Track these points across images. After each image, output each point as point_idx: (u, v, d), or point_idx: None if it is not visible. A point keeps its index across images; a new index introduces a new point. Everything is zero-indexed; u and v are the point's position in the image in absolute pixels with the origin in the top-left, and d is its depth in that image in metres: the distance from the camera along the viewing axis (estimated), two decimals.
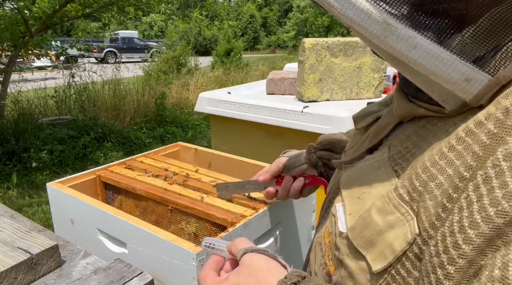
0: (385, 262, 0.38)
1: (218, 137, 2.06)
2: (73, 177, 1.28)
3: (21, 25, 4.61)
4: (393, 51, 0.35)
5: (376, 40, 0.35)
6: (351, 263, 0.43)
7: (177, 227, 1.14)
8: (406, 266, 0.37)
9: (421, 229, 0.36)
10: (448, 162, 0.35)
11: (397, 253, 0.37)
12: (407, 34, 0.34)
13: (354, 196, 0.45)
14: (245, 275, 0.46)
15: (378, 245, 0.39)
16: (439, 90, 0.37)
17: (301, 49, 1.81)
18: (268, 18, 40.15)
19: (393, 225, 0.38)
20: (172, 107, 6.81)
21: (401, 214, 0.38)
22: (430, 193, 0.36)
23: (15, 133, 4.34)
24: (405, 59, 0.35)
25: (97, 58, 17.00)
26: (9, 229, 0.74)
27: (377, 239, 0.39)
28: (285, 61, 11.90)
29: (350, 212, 0.44)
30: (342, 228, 0.45)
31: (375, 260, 0.39)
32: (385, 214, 0.39)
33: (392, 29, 0.34)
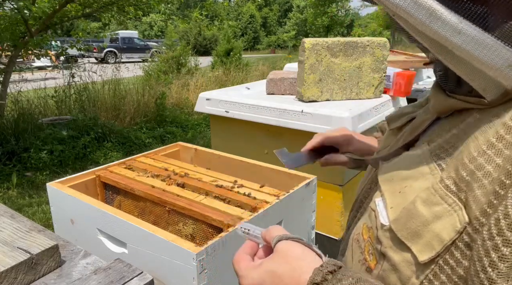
0: (433, 252, 0.38)
1: (218, 137, 2.05)
2: (73, 177, 1.28)
3: (21, 25, 4.60)
4: (437, 37, 0.35)
5: (421, 26, 0.35)
6: (394, 256, 0.42)
7: (175, 229, 1.14)
8: (455, 255, 0.37)
9: (472, 217, 0.36)
10: (497, 151, 0.35)
11: (446, 242, 0.37)
12: (452, 19, 0.34)
13: (395, 191, 0.45)
14: (280, 262, 0.46)
15: (424, 236, 0.39)
16: (480, 78, 0.37)
17: (301, 49, 1.81)
18: (268, 18, 40.13)
19: (440, 215, 0.38)
20: (172, 107, 6.81)
21: (449, 204, 0.38)
22: (478, 182, 0.36)
23: (15, 133, 4.34)
24: (449, 44, 0.35)
25: (97, 58, 17.00)
26: (9, 229, 0.73)
27: (423, 230, 0.39)
28: (285, 61, 11.89)
29: (391, 205, 0.44)
30: (384, 221, 0.45)
31: (422, 251, 0.39)
32: (431, 205, 0.39)
33: (437, 15, 0.34)
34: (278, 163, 1.48)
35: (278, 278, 0.45)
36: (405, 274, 0.41)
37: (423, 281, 0.40)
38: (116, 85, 6.16)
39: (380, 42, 1.82)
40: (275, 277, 0.45)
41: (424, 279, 0.40)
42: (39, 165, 4.05)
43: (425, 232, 0.39)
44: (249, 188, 1.21)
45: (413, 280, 0.40)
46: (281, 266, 0.45)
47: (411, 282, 0.41)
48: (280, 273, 0.45)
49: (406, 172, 0.45)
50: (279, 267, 0.45)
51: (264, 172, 1.35)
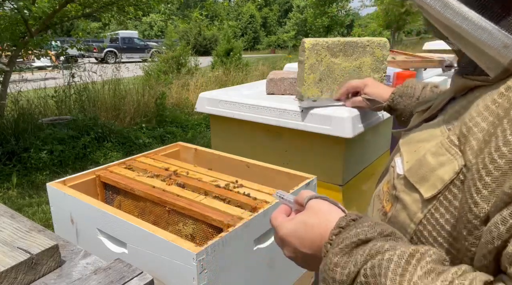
0: (435, 190, 0.48)
1: (218, 137, 2.05)
2: (73, 177, 1.28)
3: (21, 25, 4.60)
4: (450, 23, 0.45)
5: (438, 14, 0.46)
6: (405, 197, 0.52)
7: (175, 229, 1.14)
8: (452, 191, 0.46)
9: (466, 160, 0.45)
10: (490, 112, 0.45)
11: (446, 182, 0.47)
12: (461, 9, 0.44)
13: (411, 150, 0.55)
14: (310, 215, 0.56)
15: (430, 180, 0.49)
16: (485, 58, 0.46)
17: (301, 49, 1.81)
18: (268, 18, 40.11)
19: (444, 163, 0.48)
20: (172, 107, 6.80)
21: (451, 154, 0.48)
22: (473, 135, 0.45)
23: (15, 133, 4.34)
24: (459, 29, 0.45)
25: (97, 58, 16.99)
26: (9, 229, 0.73)
27: (430, 175, 0.49)
28: (285, 61, 11.89)
29: (407, 160, 0.54)
30: (399, 171, 0.55)
31: (427, 191, 0.49)
32: (438, 156, 0.50)
33: (450, 5, 0.45)
34: (278, 163, 1.48)
35: (309, 227, 0.54)
36: (413, 210, 0.51)
37: (426, 215, 0.49)
38: (116, 85, 6.16)
39: (380, 42, 1.82)
40: (306, 226, 0.55)
41: (427, 213, 0.49)
42: (39, 165, 4.05)
43: (431, 176, 0.49)
44: (249, 188, 1.21)
45: (418, 215, 0.50)
46: (311, 218, 0.55)
47: (417, 216, 0.50)
48: (311, 223, 0.54)
49: (422, 136, 0.56)
50: (310, 219, 0.55)
51: (264, 172, 1.35)
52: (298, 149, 1.76)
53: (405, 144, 0.58)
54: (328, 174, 1.63)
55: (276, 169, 1.33)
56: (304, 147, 1.73)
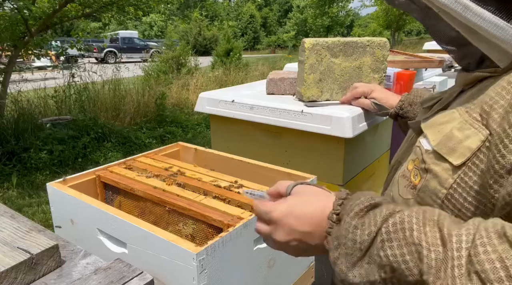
0: (464, 157, 0.54)
1: (218, 137, 2.05)
2: (73, 177, 1.28)
3: (21, 25, 4.60)
4: (469, 22, 0.52)
5: (459, 15, 0.52)
6: (435, 168, 0.58)
7: (175, 229, 1.14)
8: (479, 157, 0.52)
9: (491, 129, 0.52)
10: (507, 91, 0.52)
11: (473, 149, 0.53)
12: (479, 11, 0.51)
13: (435, 131, 0.61)
14: (302, 195, 0.60)
15: (458, 150, 0.55)
16: (497, 51, 0.53)
17: (301, 49, 1.81)
18: (268, 18, 40.11)
19: (469, 136, 0.54)
20: (172, 107, 6.80)
21: (475, 128, 0.54)
22: (494, 110, 0.52)
23: (15, 133, 4.34)
24: (477, 27, 0.52)
25: (97, 58, 16.98)
26: (9, 229, 0.73)
27: (457, 146, 0.55)
28: (285, 61, 11.88)
29: (433, 139, 0.60)
30: (428, 147, 0.60)
31: (456, 159, 0.55)
32: (463, 130, 0.56)
33: (469, 7, 0.52)
34: (278, 163, 1.48)
35: (306, 204, 0.58)
36: (443, 177, 0.56)
37: (456, 179, 0.55)
38: (116, 85, 6.15)
39: (380, 42, 1.82)
40: (303, 204, 0.58)
41: (457, 178, 0.55)
42: (39, 165, 4.05)
43: (459, 147, 0.55)
44: (249, 188, 1.21)
45: (449, 180, 0.55)
46: (304, 197, 0.60)
47: (448, 181, 0.56)
48: (306, 201, 0.59)
49: (442, 120, 0.61)
50: (303, 198, 0.60)
51: (264, 172, 1.35)
52: (298, 149, 1.76)
53: (428, 127, 0.63)
54: (328, 174, 1.63)
55: (276, 169, 1.33)
56: (304, 147, 1.73)
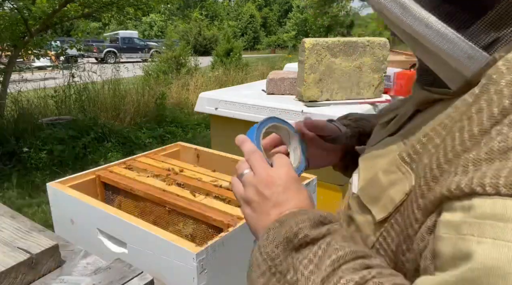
0: (386, 212, 0.45)
1: (218, 137, 2.05)
2: (73, 177, 1.28)
3: (21, 25, 4.60)
4: (410, 30, 0.41)
5: (397, 19, 0.41)
6: (358, 218, 0.50)
7: (175, 229, 1.14)
8: (403, 213, 0.43)
9: (416, 181, 0.42)
10: (443, 127, 0.42)
11: (396, 203, 0.44)
12: (421, 14, 0.40)
13: (367, 166, 0.52)
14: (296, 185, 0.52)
15: (381, 200, 0.46)
16: (447, 69, 0.42)
17: (301, 49, 1.81)
18: (268, 18, 40.12)
19: (394, 182, 0.45)
20: (172, 107, 6.80)
21: (402, 173, 0.45)
22: (427, 152, 0.42)
23: (15, 133, 4.34)
24: (420, 37, 0.41)
25: (97, 58, 16.99)
26: (9, 229, 0.74)
27: (381, 195, 0.46)
28: (285, 61, 11.89)
29: (362, 178, 0.52)
30: (354, 190, 0.53)
31: (379, 212, 0.46)
32: (389, 174, 0.46)
33: (409, 10, 0.40)
34: None
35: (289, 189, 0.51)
36: (366, 232, 0.48)
37: (378, 238, 0.46)
38: (116, 85, 6.15)
39: (380, 42, 1.82)
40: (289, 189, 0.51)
41: (380, 236, 0.46)
42: (39, 165, 4.05)
43: (382, 196, 0.46)
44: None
45: (371, 238, 0.47)
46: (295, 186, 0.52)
47: (370, 239, 0.47)
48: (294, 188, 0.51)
49: (379, 152, 0.52)
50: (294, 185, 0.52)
51: None
52: None
53: (364, 159, 0.54)
54: (328, 174, 1.63)
55: None
56: None
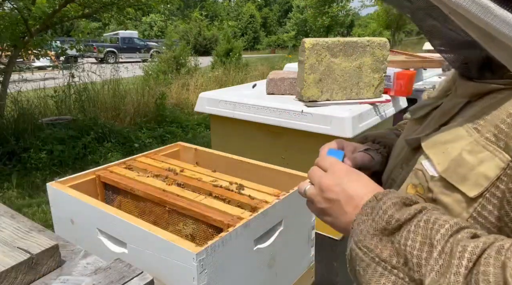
0: (481, 188, 0.48)
1: (218, 137, 2.05)
2: (73, 177, 1.28)
3: (21, 25, 4.60)
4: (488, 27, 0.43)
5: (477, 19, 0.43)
6: (445, 198, 0.51)
7: (175, 229, 1.14)
8: (500, 187, 0.46)
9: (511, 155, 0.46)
10: None
11: (492, 179, 0.47)
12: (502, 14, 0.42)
13: (439, 152, 0.54)
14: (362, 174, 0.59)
15: (471, 178, 0.49)
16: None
17: (301, 49, 1.81)
18: (268, 18, 40.12)
19: (483, 160, 0.48)
20: (172, 107, 6.80)
21: (490, 151, 0.48)
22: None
23: (15, 133, 4.34)
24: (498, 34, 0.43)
25: (97, 58, 16.99)
26: (9, 229, 0.73)
27: (470, 173, 0.49)
28: (285, 61, 11.88)
29: (438, 162, 0.53)
30: (433, 173, 0.54)
31: (470, 189, 0.49)
32: (475, 154, 0.49)
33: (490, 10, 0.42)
34: (278, 163, 1.48)
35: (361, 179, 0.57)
36: (456, 210, 0.50)
37: (472, 213, 0.49)
38: (116, 85, 6.16)
39: (380, 42, 1.82)
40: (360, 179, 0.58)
41: (473, 212, 0.49)
42: (39, 165, 4.05)
43: (472, 174, 0.49)
44: (249, 188, 1.21)
45: (463, 215, 0.49)
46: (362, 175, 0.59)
47: (462, 216, 0.49)
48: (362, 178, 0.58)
49: (446, 138, 0.55)
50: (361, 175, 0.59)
51: (264, 172, 1.35)
52: (298, 149, 1.76)
53: (429, 146, 0.56)
54: None
55: (276, 169, 1.33)
56: (304, 147, 1.73)
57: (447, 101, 0.61)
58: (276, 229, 1.10)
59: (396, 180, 0.67)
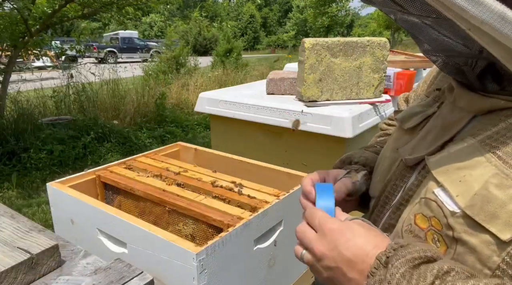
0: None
1: (218, 137, 2.05)
2: (73, 177, 1.28)
3: (21, 25, 4.60)
4: (506, 40, 0.39)
5: (503, 38, 0.39)
6: (471, 239, 0.45)
7: (175, 229, 1.14)
8: None
9: None
10: None
11: None
12: None
13: (455, 180, 0.48)
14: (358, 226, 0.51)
15: (501, 217, 0.43)
16: None
17: (301, 49, 1.81)
18: (268, 18, 40.14)
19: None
20: (172, 107, 6.80)
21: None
22: None
23: (15, 133, 4.34)
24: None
25: (97, 58, 16.99)
26: (9, 229, 0.73)
27: (500, 211, 0.43)
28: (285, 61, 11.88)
29: (456, 194, 0.47)
30: (453, 208, 0.47)
31: (502, 230, 0.43)
32: (505, 188, 0.43)
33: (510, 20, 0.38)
34: (278, 163, 1.48)
35: (359, 233, 0.50)
36: (485, 253, 0.44)
37: (504, 258, 0.43)
38: (115, 85, 6.16)
39: (380, 42, 1.82)
40: (356, 232, 0.50)
41: (506, 256, 0.43)
42: (39, 165, 4.05)
43: (503, 213, 0.43)
44: (249, 188, 1.21)
45: (494, 258, 0.44)
46: (361, 229, 0.51)
47: (492, 260, 0.44)
48: (361, 231, 0.50)
49: (460, 163, 0.48)
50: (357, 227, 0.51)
51: (264, 172, 1.35)
52: (298, 149, 1.76)
53: (441, 173, 0.50)
54: None
55: (276, 169, 1.33)
56: (304, 147, 1.73)
57: (446, 114, 0.56)
58: (276, 229, 1.10)
59: (390, 197, 0.61)
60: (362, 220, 0.53)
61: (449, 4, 0.38)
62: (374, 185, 0.68)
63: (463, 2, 0.37)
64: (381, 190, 0.64)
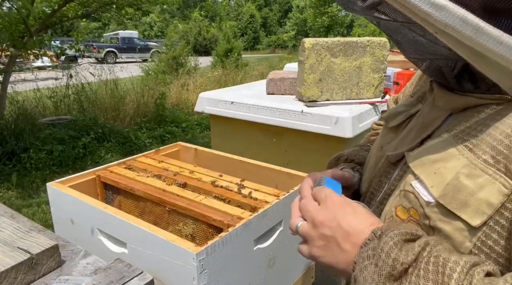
0: (484, 217, 0.45)
1: (218, 137, 2.05)
2: (73, 177, 1.28)
3: (20, 25, 4.60)
4: (482, 48, 0.42)
5: (468, 40, 0.41)
6: (445, 226, 0.48)
7: (175, 229, 1.14)
8: (504, 214, 0.44)
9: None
10: None
11: (496, 205, 0.44)
12: (495, 34, 0.41)
13: (430, 172, 0.51)
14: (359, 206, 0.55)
15: (471, 205, 0.46)
16: (509, 79, 0.44)
17: (301, 49, 1.81)
18: (268, 18, 40.14)
19: (483, 185, 0.46)
20: (172, 107, 6.80)
21: (489, 175, 0.46)
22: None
23: (15, 133, 4.34)
24: (491, 54, 0.42)
25: (97, 58, 16.99)
26: (9, 229, 0.73)
27: (470, 199, 0.46)
28: (285, 61, 11.88)
29: (431, 185, 0.50)
30: (428, 199, 0.50)
31: (473, 217, 0.46)
32: (474, 178, 0.46)
33: (482, 30, 0.41)
34: (278, 163, 1.48)
35: (358, 212, 0.53)
36: (458, 240, 0.47)
37: (475, 243, 0.46)
38: (115, 85, 6.16)
39: (380, 42, 1.82)
40: (358, 211, 0.53)
41: (477, 241, 0.46)
42: (39, 165, 4.05)
43: (473, 200, 0.46)
44: (249, 188, 1.21)
45: (466, 244, 0.47)
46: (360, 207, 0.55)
47: (465, 246, 0.47)
48: (360, 210, 0.54)
49: (435, 156, 0.52)
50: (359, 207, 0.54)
51: (264, 172, 1.35)
52: (298, 149, 1.76)
53: (418, 166, 0.53)
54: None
55: (276, 169, 1.33)
56: (304, 147, 1.73)
57: (426, 113, 0.59)
58: (276, 229, 1.10)
59: (375, 193, 0.64)
60: (363, 205, 0.56)
61: (415, 10, 0.41)
62: (363, 182, 0.71)
63: (427, 8, 0.40)
64: (367, 187, 0.67)
